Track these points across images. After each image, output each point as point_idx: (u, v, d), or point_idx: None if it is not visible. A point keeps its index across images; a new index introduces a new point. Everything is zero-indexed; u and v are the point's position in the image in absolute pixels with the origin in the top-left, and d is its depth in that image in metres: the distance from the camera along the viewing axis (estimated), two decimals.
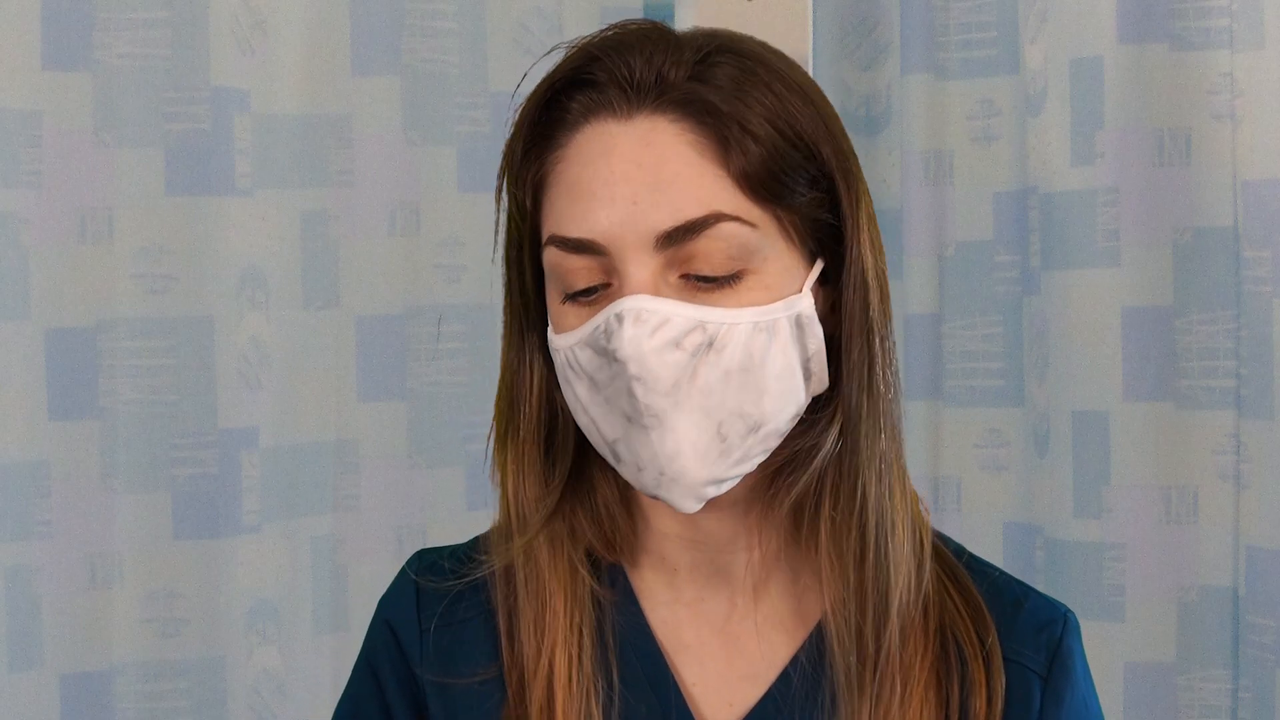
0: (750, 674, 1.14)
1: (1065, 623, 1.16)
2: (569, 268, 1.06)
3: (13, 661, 1.82)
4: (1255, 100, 1.81)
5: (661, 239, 1.04)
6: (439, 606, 1.17)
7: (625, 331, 1.03)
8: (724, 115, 1.05)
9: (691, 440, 1.05)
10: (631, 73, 1.06)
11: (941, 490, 2.08)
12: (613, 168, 1.05)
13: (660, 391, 1.03)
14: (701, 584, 1.16)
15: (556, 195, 1.08)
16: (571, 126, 1.08)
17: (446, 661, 1.16)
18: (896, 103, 2.10)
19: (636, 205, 1.04)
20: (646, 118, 1.06)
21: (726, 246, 1.04)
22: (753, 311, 1.05)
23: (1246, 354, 1.83)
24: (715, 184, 1.05)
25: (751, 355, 1.05)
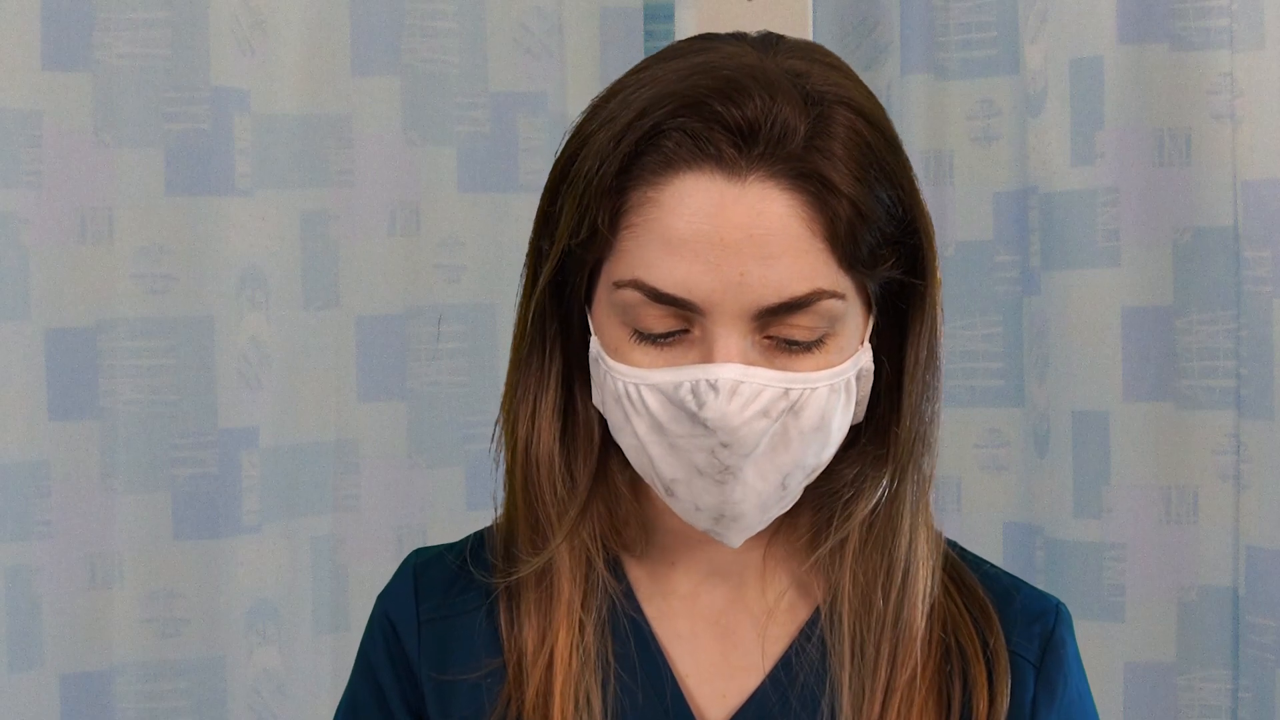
0: (745, 665, 1.15)
1: (1057, 614, 1.17)
2: (647, 313, 1.05)
3: (13, 661, 1.82)
4: (1255, 100, 1.81)
5: (763, 312, 1.04)
6: (437, 600, 1.18)
7: (720, 403, 1.03)
8: (839, 194, 1.04)
9: (758, 491, 1.07)
10: (748, 122, 1.03)
11: (941, 490, 2.07)
12: (723, 233, 1.03)
13: (742, 454, 1.05)
14: (698, 579, 1.16)
15: (646, 240, 1.04)
16: (669, 169, 1.04)
17: (444, 655, 1.17)
18: (896, 103, 2.10)
19: (744, 277, 1.03)
20: (759, 182, 1.03)
21: (820, 320, 1.05)
22: (829, 374, 1.06)
23: (1246, 354, 1.83)
24: (819, 260, 1.04)
25: (824, 415, 1.07)
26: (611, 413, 1.09)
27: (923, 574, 1.12)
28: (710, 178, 1.03)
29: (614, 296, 1.06)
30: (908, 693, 1.11)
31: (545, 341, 1.13)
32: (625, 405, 1.07)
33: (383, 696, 1.18)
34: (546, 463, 1.13)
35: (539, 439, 1.13)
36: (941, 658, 1.13)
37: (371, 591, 1.29)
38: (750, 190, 1.03)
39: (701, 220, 1.03)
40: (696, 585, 1.16)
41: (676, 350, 1.06)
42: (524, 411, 1.13)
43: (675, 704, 1.14)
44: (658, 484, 1.09)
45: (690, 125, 1.03)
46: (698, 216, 1.03)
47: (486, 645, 1.15)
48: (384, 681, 1.19)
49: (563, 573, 1.13)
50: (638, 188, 1.05)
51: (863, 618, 1.12)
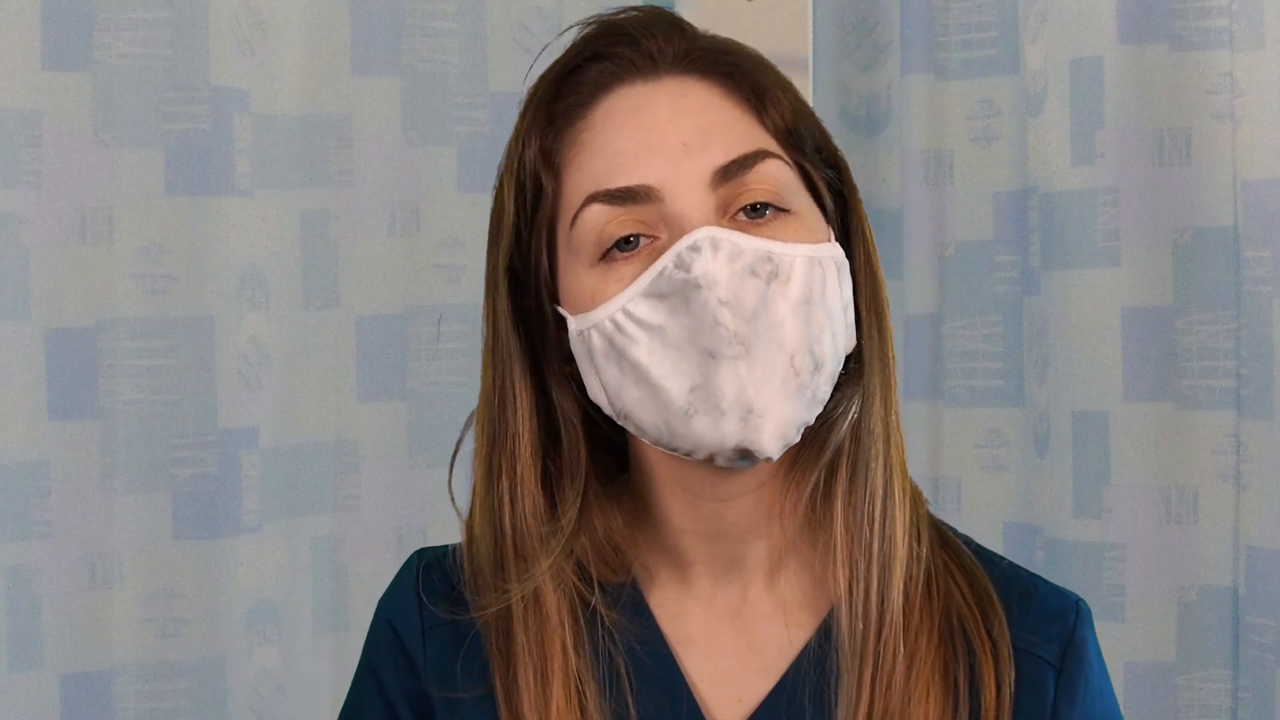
0: (761, 667, 1.14)
1: (1077, 612, 1.16)
2: (609, 221, 1.07)
3: (13, 661, 1.82)
4: (1255, 100, 1.81)
5: (717, 174, 1.07)
6: (441, 605, 1.17)
7: (705, 260, 1.04)
8: (751, 72, 1.10)
9: (772, 370, 1.05)
10: (652, 41, 1.10)
11: (941, 490, 2.08)
12: (656, 116, 1.08)
13: (745, 317, 1.05)
14: (715, 577, 1.15)
15: (588, 160, 1.09)
16: (592, 98, 1.10)
17: (450, 663, 1.16)
18: (896, 103, 2.10)
19: (687, 147, 1.07)
20: (675, 78, 1.10)
21: (774, 183, 1.08)
22: (806, 247, 1.08)
23: (1246, 354, 1.83)
24: (751, 128, 1.09)
25: (812, 288, 1.07)
26: (608, 375, 1.08)
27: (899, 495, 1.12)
28: (629, 86, 1.10)
29: (574, 235, 1.08)
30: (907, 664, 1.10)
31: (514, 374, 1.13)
32: (619, 343, 1.07)
33: (389, 703, 1.18)
34: (533, 510, 1.13)
35: (523, 489, 1.13)
36: (944, 640, 1.12)
37: (371, 591, 1.29)
38: (666, 84, 1.10)
39: (632, 118, 1.08)
40: (713, 585, 1.16)
41: (650, 258, 1.07)
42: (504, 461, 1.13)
43: (690, 713, 1.13)
44: (674, 418, 1.06)
45: (600, 50, 1.10)
46: (628, 117, 1.08)
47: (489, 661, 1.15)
48: (389, 685, 1.18)
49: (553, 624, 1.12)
50: (568, 126, 1.10)
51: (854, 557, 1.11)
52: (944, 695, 1.11)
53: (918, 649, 1.11)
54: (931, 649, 1.12)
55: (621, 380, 1.08)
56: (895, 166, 2.10)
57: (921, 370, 2.08)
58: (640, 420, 1.08)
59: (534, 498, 1.12)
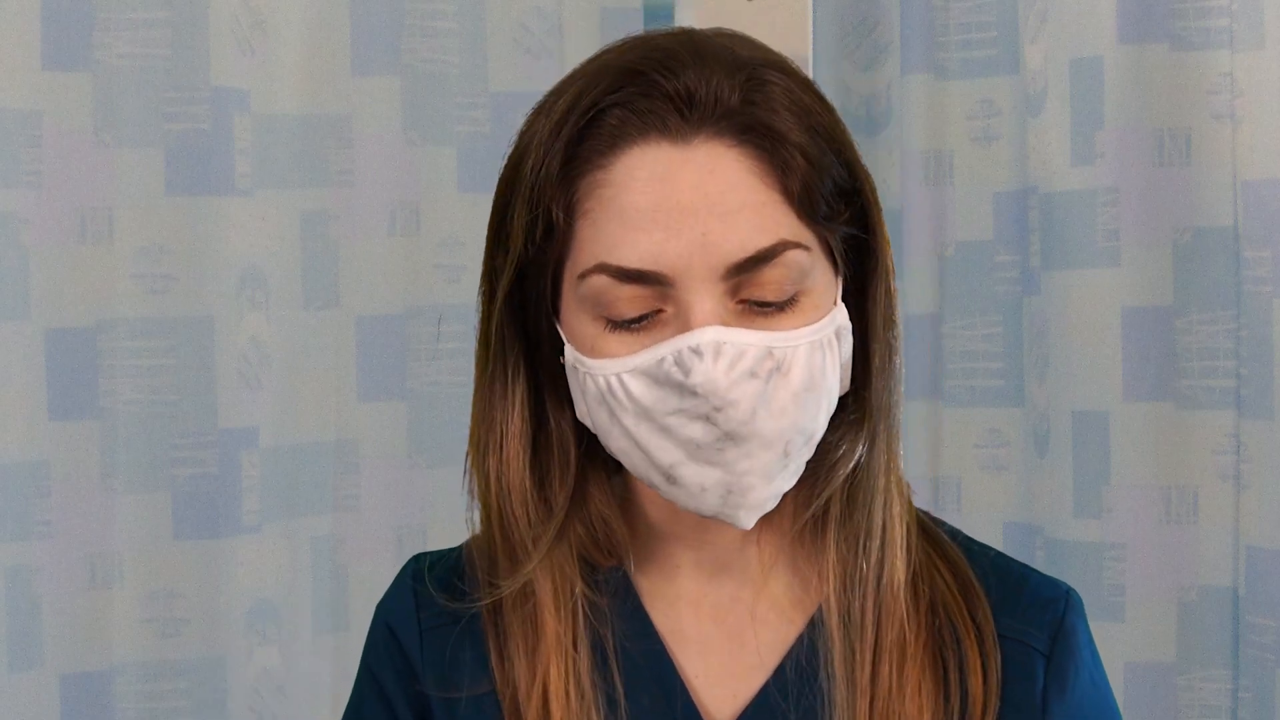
0: (753, 664, 1.15)
1: (1067, 600, 1.17)
2: (617, 296, 1.05)
3: (13, 661, 1.82)
4: (1255, 100, 1.81)
5: (731, 270, 1.03)
6: (438, 608, 1.17)
7: (705, 366, 1.03)
8: (781, 138, 1.05)
9: (763, 461, 1.05)
10: (686, 90, 1.04)
11: (941, 490, 2.08)
12: (679, 197, 1.03)
13: (739, 420, 1.04)
14: (704, 580, 1.16)
15: (603, 220, 1.05)
16: (614, 148, 1.05)
17: (447, 666, 1.16)
18: (896, 103, 2.10)
19: (706, 237, 1.03)
20: (705, 143, 1.04)
21: (789, 273, 1.05)
22: (808, 331, 1.06)
23: (1246, 354, 1.83)
24: (777, 211, 1.05)
25: (813, 374, 1.06)
26: (597, 416, 1.08)
27: (899, 530, 1.12)
28: (657, 146, 1.04)
29: (581, 289, 1.06)
30: (898, 656, 1.11)
31: (508, 367, 1.12)
32: (610, 401, 1.06)
33: (389, 706, 1.18)
34: (519, 490, 1.12)
35: (509, 467, 1.12)
36: (931, 632, 1.13)
37: (371, 591, 1.29)
38: (698, 152, 1.04)
39: (655, 188, 1.03)
40: (702, 586, 1.16)
41: (652, 334, 1.05)
42: (492, 443, 1.13)
43: (684, 708, 1.14)
44: (657, 476, 1.07)
45: (629, 99, 1.04)
46: (650, 185, 1.03)
47: (486, 659, 1.15)
48: (389, 689, 1.18)
49: (545, 605, 1.12)
50: (587, 173, 1.05)
51: (849, 585, 1.11)
52: (935, 686, 1.12)
53: (907, 641, 1.11)
54: (921, 643, 1.12)
55: (610, 428, 1.08)
56: (895, 166, 2.10)
57: (921, 370, 2.08)
58: (626, 464, 1.10)
59: (522, 487, 1.12)
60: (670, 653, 1.15)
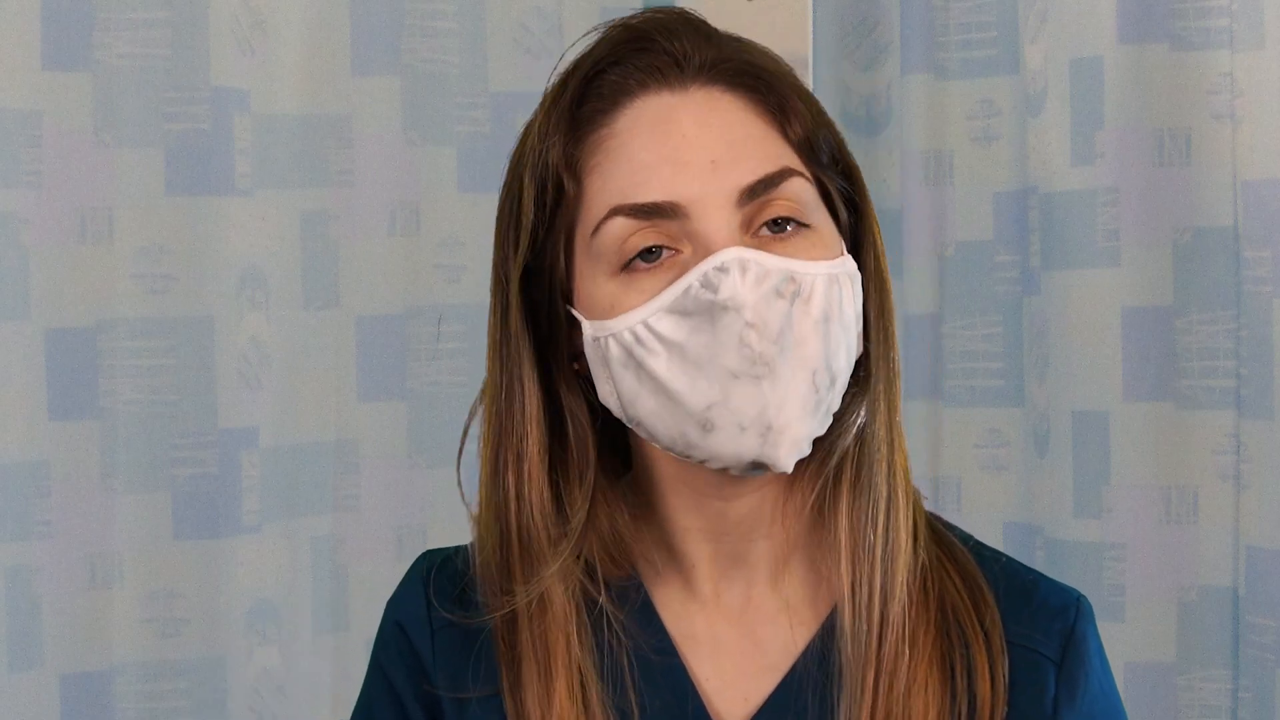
0: (766, 665, 1.14)
1: (1078, 608, 1.17)
2: (634, 238, 1.07)
3: (13, 661, 1.82)
4: (1255, 100, 1.81)
5: (744, 194, 1.07)
6: (449, 606, 1.17)
7: (732, 280, 1.04)
8: (776, 85, 1.10)
9: (796, 390, 1.06)
10: (680, 47, 1.09)
11: (941, 490, 2.08)
12: (684, 132, 1.07)
13: (770, 338, 1.05)
14: (719, 576, 1.16)
15: (612, 170, 1.08)
16: (615, 103, 1.09)
17: (459, 664, 1.16)
18: (896, 103, 2.10)
19: (716, 165, 1.06)
20: (701, 88, 1.09)
21: (796, 202, 1.08)
22: (825, 264, 1.08)
23: (1246, 354, 1.83)
24: (778, 144, 1.09)
25: (830, 306, 1.07)
26: (623, 382, 1.08)
27: (903, 499, 1.13)
28: (656, 94, 1.09)
29: (595, 244, 1.08)
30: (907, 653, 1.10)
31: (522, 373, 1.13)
32: (637, 354, 1.07)
33: (400, 704, 1.18)
34: (540, 507, 1.13)
35: (529, 483, 1.12)
36: (940, 632, 1.13)
37: (371, 591, 1.29)
38: (695, 95, 1.09)
39: (659, 131, 1.07)
40: (715, 586, 1.16)
41: (672, 272, 1.07)
42: (511, 457, 1.13)
43: (696, 712, 1.13)
44: (691, 429, 1.07)
45: (626, 56, 1.09)
46: (655, 128, 1.07)
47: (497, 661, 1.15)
48: (399, 687, 1.18)
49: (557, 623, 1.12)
50: (590, 132, 1.09)
51: (857, 558, 1.11)
52: (942, 688, 1.12)
53: (916, 643, 1.12)
54: (930, 643, 1.12)
55: (638, 389, 1.08)
56: (895, 166, 2.10)
57: (921, 370, 2.08)
58: (654, 429, 1.09)
59: (541, 495, 1.13)
60: (682, 655, 1.15)
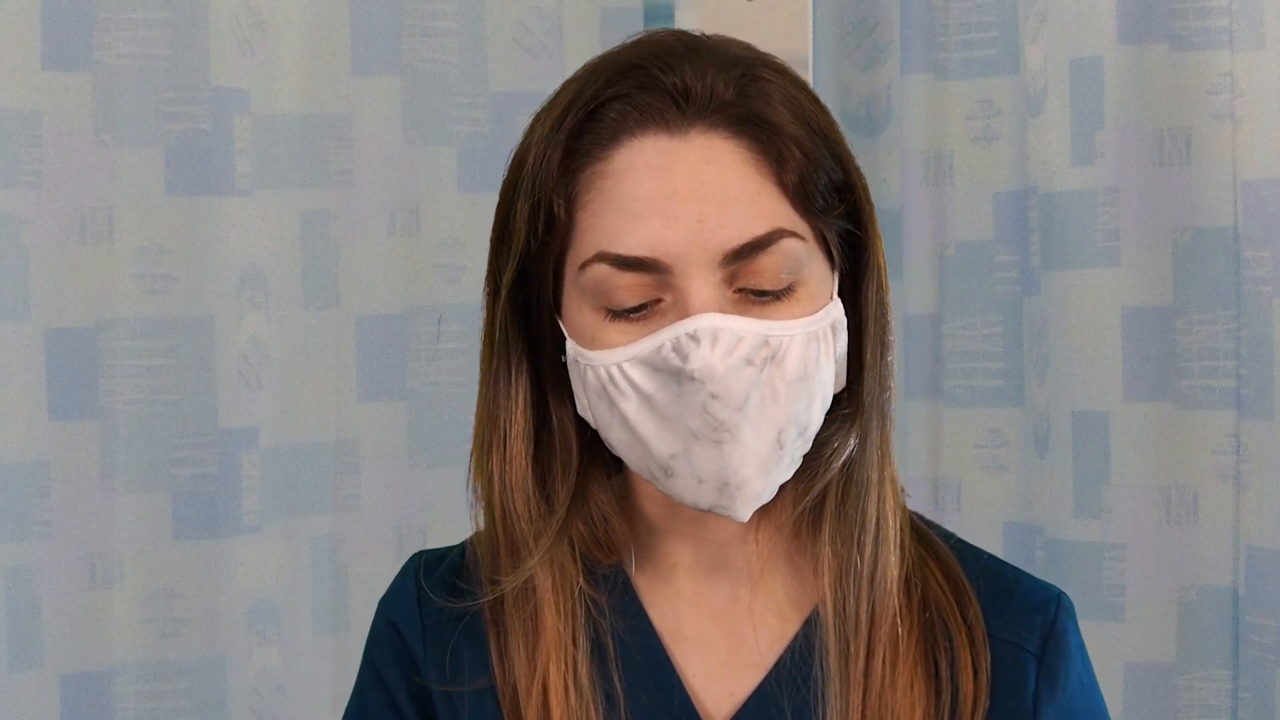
0: (751, 663, 1.15)
1: (1059, 604, 1.18)
2: (616, 285, 1.06)
3: (13, 661, 1.82)
4: (1255, 100, 1.81)
5: (728, 257, 1.05)
6: (440, 604, 1.18)
7: (703, 352, 1.04)
8: (776, 130, 1.07)
9: (756, 451, 1.07)
10: (683, 84, 1.07)
11: (941, 490, 2.08)
12: (675, 185, 1.05)
13: (734, 406, 1.05)
14: (702, 579, 1.17)
15: (602, 210, 1.07)
16: (613, 140, 1.07)
17: (450, 660, 1.17)
18: (896, 103, 2.10)
19: (703, 224, 1.05)
20: (702, 134, 1.06)
21: (785, 261, 1.06)
22: (804, 322, 1.07)
23: (1246, 354, 1.83)
24: (773, 200, 1.07)
25: (807, 364, 1.07)
26: (597, 410, 1.09)
27: (893, 526, 1.13)
28: (654, 138, 1.06)
29: (582, 280, 1.07)
30: (890, 652, 1.12)
31: (511, 366, 1.14)
32: (610, 392, 1.08)
33: (392, 699, 1.18)
34: (521, 489, 1.13)
35: (512, 465, 1.13)
36: (924, 628, 1.14)
37: (371, 591, 1.29)
38: (695, 143, 1.06)
39: (652, 178, 1.05)
40: (700, 585, 1.17)
41: (651, 323, 1.07)
42: (495, 440, 1.14)
43: (682, 705, 1.14)
44: (655, 468, 1.08)
45: (627, 93, 1.07)
46: (648, 175, 1.06)
47: (488, 654, 1.16)
48: (391, 684, 1.19)
49: (546, 602, 1.13)
50: (587, 165, 1.07)
51: (843, 580, 1.12)
52: (927, 683, 1.13)
53: (900, 641, 1.12)
54: (914, 640, 1.13)
55: (610, 421, 1.09)
56: (895, 166, 2.10)
57: (921, 370, 2.08)
58: (624, 457, 1.11)
59: (525, 483, 1.14)
60: (668, 651, 1.15)
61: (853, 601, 1.12)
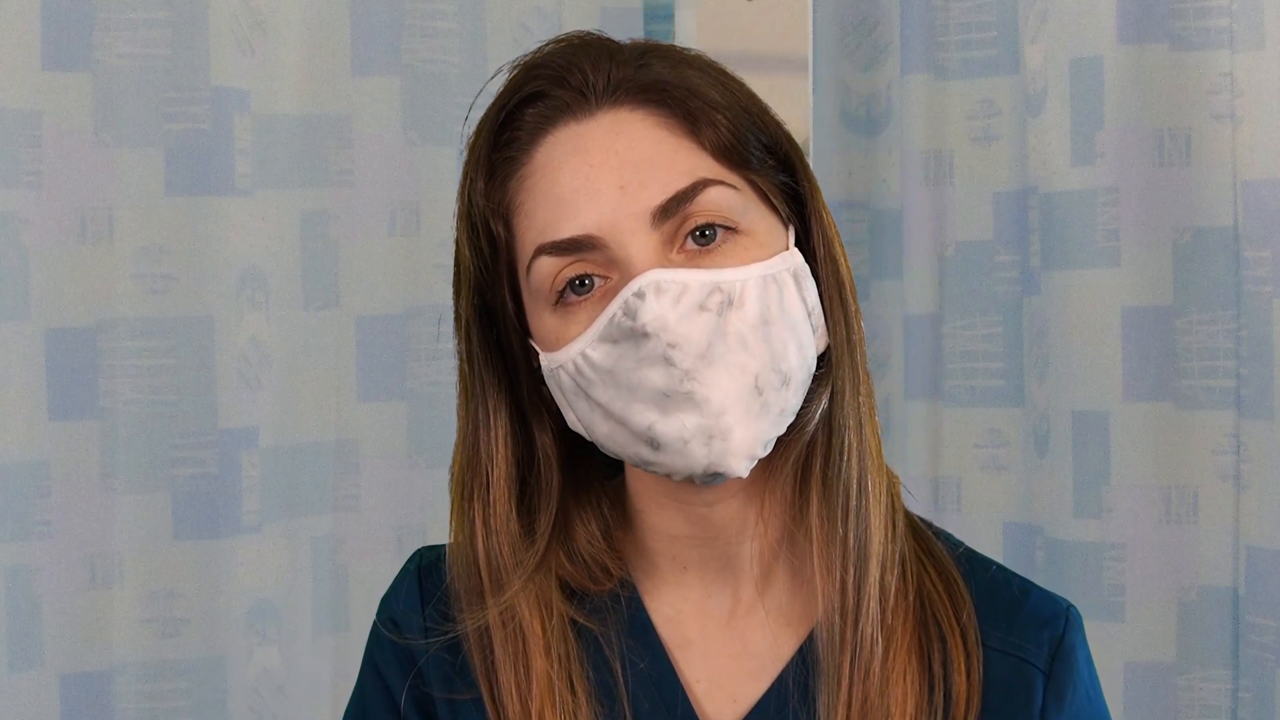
0: (755, 669, 1.15)
1: (1068, 618, 1.17)
2: (562, 273, 1.07)
3: (13, 661, 1.83)
4: (1255, 100, 1.81)
5: (657, 214, 1.06)
6: (442, 605, 1.18)
7: (649, 304, 1.04)
8: (683, 93, 1.09)
9: (733, 394, 1.06)
10: (582, 75, 1.10)
11: (941, 490, 2.08)
12: (590, 161, 1.07)
13: (695, 354, 1.05)
14: (710, 580, 1.16)
15: (533, 208, 1.09)
16: (531, 143, 1.10)
17: (451, 660, 1.17)
18: (896, 103, 2.10)
19: (624, 189, 1.07)
20: (608, 112, 1.09)
21: (717, 209, 1.07)
22: (758, 267, 1.08)
23: (1246, 354, 1.83)
24: (692, 157, 1.08)
25: (769, 308, 1.07)
26: (579, 409, 1.10)
27: (875, 492, 1.12)
28: (564, 127, 1.09)
29: (531, 281, 1.09)
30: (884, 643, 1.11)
31: (489, 404, 1.14)
32: (582, 384, 1.08)
33: (393, 700, 1.18)
34: (505, 532, 1.14)
35: (494, 511, 1.14)
36: (917, 620, 1.13)
37: (372, 591, 1.29)
38: (601, 120, 1.09)
39: (570, 163, 1.08)
40: (705, 591, 1.16)
41: (604, 301, 1.07)
42: (477, 487, 1.14)
43: (684, 712, 1.14)
44: (642, 448, 1.08)
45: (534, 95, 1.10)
46: (566, 160, 1.08)
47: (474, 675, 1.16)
48: (393, 685, 1.19)
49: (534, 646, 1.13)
50: (512, 172, 1.10)
51: (827, 550, 1.11)
52: (920, 677, 1.13)
53: (895, 633, 1.12)
54: (908, 633, 1.13)
55: (591, 415, 1.09)
56: (895, 166, 2.10)
57: (921, 370, 2.08)
58: (615, 448, 1.10)
59: (508, 525, 1.14)
60: (672, 658, 1.15)
61: (839, 573, 1.11)
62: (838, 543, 1.11)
